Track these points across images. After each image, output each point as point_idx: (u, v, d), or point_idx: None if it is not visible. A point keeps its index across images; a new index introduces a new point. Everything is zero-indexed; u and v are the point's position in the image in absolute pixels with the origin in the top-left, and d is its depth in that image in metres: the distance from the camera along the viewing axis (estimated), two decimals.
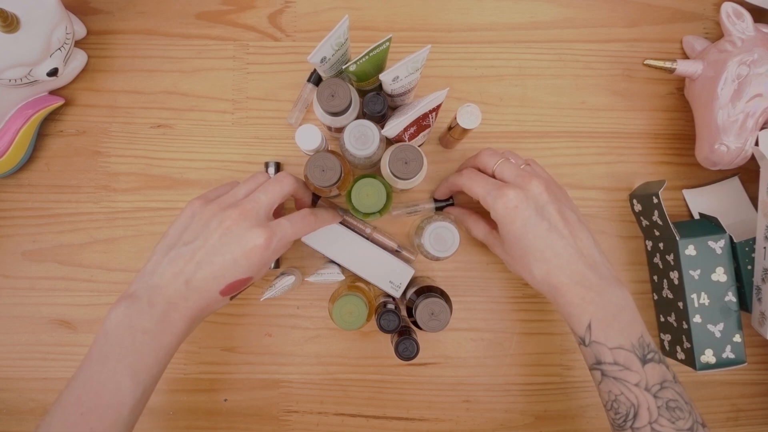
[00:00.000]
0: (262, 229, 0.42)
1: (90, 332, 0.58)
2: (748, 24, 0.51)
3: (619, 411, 0.43)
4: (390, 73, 0.45)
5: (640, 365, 0.42)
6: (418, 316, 0.48)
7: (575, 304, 0.44)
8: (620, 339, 0.43)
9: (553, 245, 0.44)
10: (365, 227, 0.56)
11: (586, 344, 0.44)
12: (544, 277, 0.45)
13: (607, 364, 0.43)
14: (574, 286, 0.44)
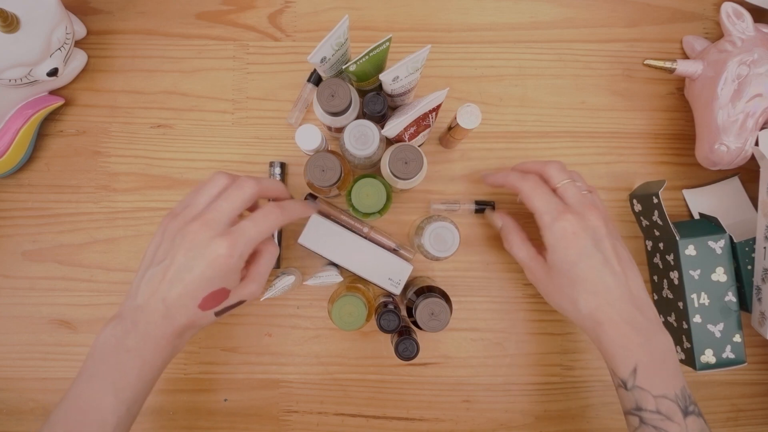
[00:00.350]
0: (224, 237, 0.41)
1: (90, 332, 0.58)
2: (748, 24, 0.51)
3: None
4: (390, 73, 0.45)
5: (682, 417, 0.41)
6: (418, 316, 0.48)
7: (622, 345, 0.43)
8: (665, 388, 0.42)
9: (606, 279, 0.44)
10: (362, 227, 0.56)
11: (628, 388, 0.43)
12: (592, 312, 0.44)
13: (649, 411, 0.42)
14: (622, 325, 0.43)
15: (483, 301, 0.58)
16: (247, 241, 0.42)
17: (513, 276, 0.59)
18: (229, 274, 0.42)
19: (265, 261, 0.45)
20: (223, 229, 0.41)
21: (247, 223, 0.42)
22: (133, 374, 0.41)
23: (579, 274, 0.44)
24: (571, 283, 0.45)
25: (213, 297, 0.42)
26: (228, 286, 0.42)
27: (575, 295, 0.45)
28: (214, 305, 0.43)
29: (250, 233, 0.42)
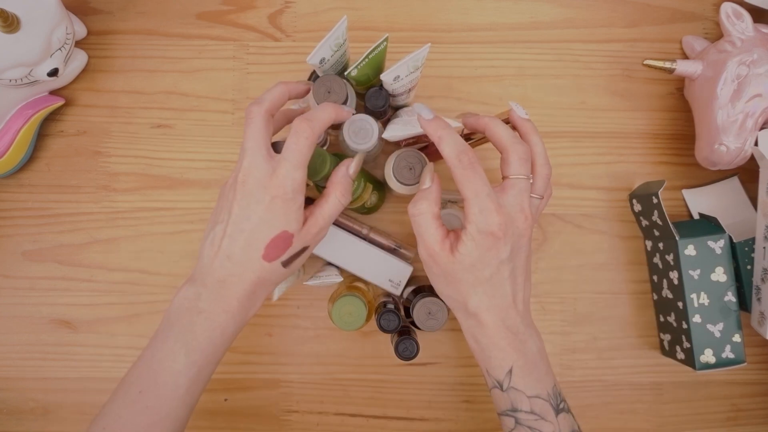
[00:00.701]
0: (271, 177, 0.40)
1: (90, 332, 0.58)
2: (747, 24, 0.51)
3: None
4: (391, 72, 0.45)
5: (554, 415, 0.42)
6: (416, 316, 0.49)
7: (500, 347, 0.42)
8: (538, 388, 0.42)
9: (505, 288, 0.42)
10: (362, 228, 0.56)
11: (504, 389, 0.42)
12: (479, 312, 0.42)
13: (524, 412, 0.42)
14: (504, 329, 0.42)
15: None
16: (293, 171, 0.40)
17: None
18: (288, 213, 0.40)
19: (325, 201, 0.43)
20: (265, 167, 0.40)
21: (285, 153, 0.41)
22: (204, 336, 0.40)
23: (485, 277, 0.41)
24: (472, 282, 0.42)
25: (275, 244, 0.41)
26: (289, 228, 0.41)
27: (470, 293, 0.42)
28: (279, 253, 0.41)
29: (290, 162, 0.40)
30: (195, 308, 0.40)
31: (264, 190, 0.40)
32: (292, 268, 0.43)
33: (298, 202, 0.41)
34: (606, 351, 0.59)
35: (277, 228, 0.40)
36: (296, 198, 0.40)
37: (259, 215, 0.40)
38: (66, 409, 0.58)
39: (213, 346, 0.41)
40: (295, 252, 0.42)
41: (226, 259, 0.41)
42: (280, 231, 0.40)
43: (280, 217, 0.40)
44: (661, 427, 0.59)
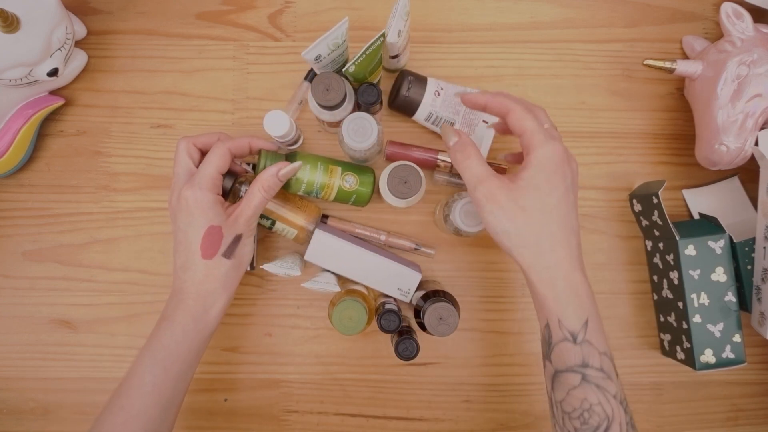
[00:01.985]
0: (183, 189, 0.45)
1: (90, 332, 0.58)
2: (747, 24, 0.51)
3: (589, 422, 0.39)
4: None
5: (616, 376, 0.40)
6: (427, 322, 0.49)
7: (578, 294, 0.40)
8: (605, 345, 0.40)
9: (572, 222, 0.41)
10: (379, 234, 0.56)
11: (577, 342, 0.39)
12: (554, 245, 0.40)
13: (594, 368, 0.39)
14: (577, 271, 0.40)
15: (483, 301, 0.58)
16: (203, 175, 0.46)
17: (513, 276, 0.59)
18: (206, 210, 0.45)
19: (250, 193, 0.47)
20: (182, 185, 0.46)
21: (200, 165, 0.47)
22: (166, 337, 0.45)
23: (555, 204, 0.40)
24: (543, 209, 0.40)
25: (207, 240, 0.45)
26: (214, 221, 0.45)
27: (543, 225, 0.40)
28: (214, 248, 0.45)
29: (201, 169, 0.46)
30: (161, 317, 0.46)
31: (179, 200, 0.46)
32: (239, 257, 0.47)
33: (209, 199, 0.45)
34: None
35: (202, 225, 0.45)
36: (206, 196, 0.45)
37: (183, 221, 0.45)
38: (66, 409, 0.58)
39: (174, 344, 0.45)
40: (229, 242, 0.46)
41: (179, 271, 0.46)
42: (205, 228, 0.45)
43: (199, 216, 0.45)
44: (661, 427, 0.59)
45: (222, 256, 0.46)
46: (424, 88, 0.53)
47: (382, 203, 0.58)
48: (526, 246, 0.41)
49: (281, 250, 0.58)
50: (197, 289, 0.46)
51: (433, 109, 0.53)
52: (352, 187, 0.53)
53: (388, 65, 0.56)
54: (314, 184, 0.52)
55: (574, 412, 0.40)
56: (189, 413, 0.58)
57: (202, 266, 0.45)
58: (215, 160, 0.46)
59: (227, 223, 0.46)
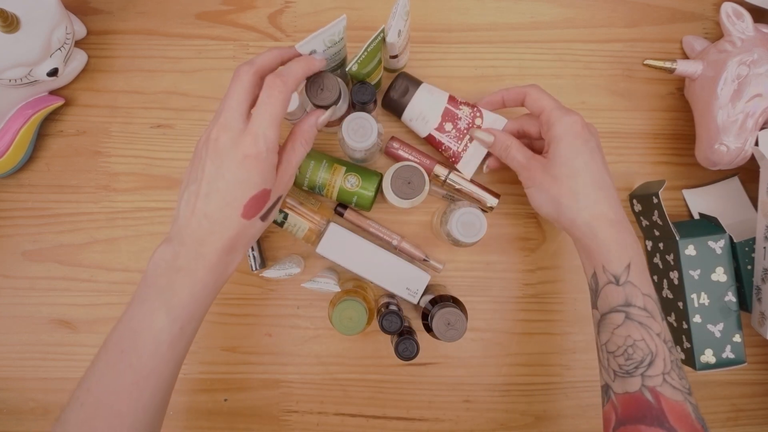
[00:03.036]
0: (244, 135, 0.40)
1: (90, 332, 0.58)
2: (747, 24, 0.51)
3: (633, 357, 0.42)
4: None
5: (661, 318, 0.43)
6: (435, 327, 0.49)
7: (618, 241, 0.44)
8: (649, 288, 0.43)
9: (605, 178, 0.46)
10: (392, 239, 0.56)
11: (620, 283, 0.43)
12: (591, 205, 0.45)
13: (637, 307, 0.43)
14: (618, 223, 0.44)
15: (483, 301, 0.58)
16: (266, 129, 0.40)
17: (513, 276, 0.59)
18: (265, 172, 0.41)
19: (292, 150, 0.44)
20: (239, 126, 0.40)
21: (257, 110, 0.41)
22: (185, 293, 0.40)
23: (582, 166, 0.46)
24: (573, 174, 0.46)
25: (255, 202, 0.41)
26: (267, 185, 0.41)
27: (575, 186, 0.45)
28: (258, 210, 0.41)
29: (263, 119, 0.40)
30: (173, 267, 0.40)
31: (236, 149, 0.40)
32: (269, 219, 0.44)
33: (271, 160, 0.41)
34: None
35: (255, 187, 0.40)
36: (269, 157, 0.41)
37: (233, 174, 0.40)
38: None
39: (195, 302, 0.41)
40: (270, 205, 0.43)
41: (203, 218, 0.40)
42: (258, 190, 0.41)
43: (255, 176, 0.40)
44: None
45: (259, 218, 0.42)
46: (415, 90, 0.53)
47: (384, 202, 0.58)
48: (564, 208, 0.46)
49: (282, 250, 0.58)
50: (223, 245, 0.41)
51: (419, 111, 0.53)
52: (353, 188, 0.53)
53: (389, 65, 0.56)
54: (316, 180, 0.53)
55: (618, 350, 0.43)
56: (189, 413, 0.58)
57: (237, 224, 0.41)
58: (278, 111, 0.41)
59: (276, 184, 0.42)
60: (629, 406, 0.41)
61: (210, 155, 0.40)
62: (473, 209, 0.49)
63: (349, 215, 0.56)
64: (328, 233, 0.53)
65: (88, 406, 0.39)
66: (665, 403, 0.40)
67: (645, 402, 0.41)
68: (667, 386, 0.41)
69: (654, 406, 0.40)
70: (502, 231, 0.59)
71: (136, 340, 0.39)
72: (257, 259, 0.56)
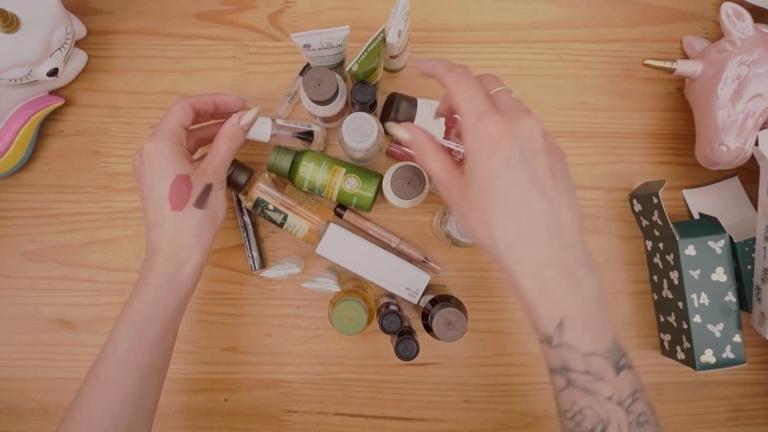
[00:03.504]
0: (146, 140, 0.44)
1: (90, 332, 0.58)
2: (747, 24, 0.51)
3: (583, 425, 0.35)
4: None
5: (614, 374, 0.35)
6: (435, 327, 0.49)
7: (546, 293, 0.35)
8: (595, 343, 0.35)
9: (532, 203, 0.35)
10: (391, 241, 0.56)
11: (553, 345, 0.35)
12: (510, 243, 0.35)
13: (577, 372, 0.35)
14: (548, 266, 0.35)
15: (483, 301, 0.58)
16: (162, 127, 0.44)
17: None
18: (171, 160, 0.43)
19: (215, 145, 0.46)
20: None
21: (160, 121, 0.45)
22: (138, 300, 0.42)
23: (499, 191, 0.35)
24: (488, 203, 0.35)
25: (175, 190, 0.43)
26: (180, 171, 0.43)
27: (491, 219, 0.35)
28: (184, 198, 0.43)
29: (161, 123, 0.45)
30: (136, 282, 0.43)
31: (140, 156, 0.44)
32: (212, 209, 0.45)
33: (172, 149, 0.43)
34: None
35: (168, 176, 0.43)
36: (169, 147, 0.43)
37: (147, 174, 0.43)
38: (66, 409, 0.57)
39: (148, 307, 0.42)
40: (200, 192, 0.44)
41: (150, 229, 0.44)
42: (172, 178, 0.43)
43: (164, 167, 0.43)
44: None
45: (193, 206, 0.43)
46: (416, 107, 0.54)
47: (384, 202, 0.58)
48: (485, 245, 0.37)
49: (282, 250, 0.58)
50: (169, 245, 0.43)
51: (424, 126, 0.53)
52: (353, 190, 0.53)
53: (389, 65, 0.56)
54: (316, 181, 0.53)
55: (567, 413, 0.37)
56: (189, 413, 0.58)
57: (173, 219, 0.43)
58: (175, 113, 0.45)
59: (195, 173, 0.44)
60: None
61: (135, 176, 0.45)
62: None
63: (349, 216, 0.56)
64: (328, 234, 0.53)
65: (66, 422, 0.42)
66: None
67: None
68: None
69: None
70: None
71: (103, 352, 0.42)
72: (257, 260, 0.56)
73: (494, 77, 0.40)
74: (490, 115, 0.36)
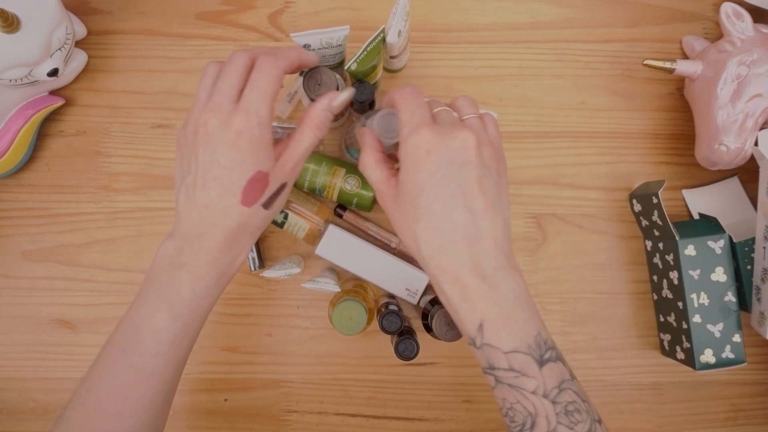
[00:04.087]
0: (234, 114, 0.37)
1: (90, 332, 0.58)
2: (747, 24, 0.51)
3: (515, 420, 0.38)
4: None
5: (538, 368, 0.37)
6: (435, 328, 0.49)
7: (465, 299, 0.37)
8: (516, 341, 0.37)
9: (454, 216, 0.37)
10: (391, 241, 0.56)
11: (477, 346, 0.38)
12: (432, 253, 0.37)
13: (502, 369, 0.37)
14: (466, 274, 0.37)
15: None
16: (257, 104, 0.38)
17: None
18: (258, 150, 0.38)
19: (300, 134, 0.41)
20: (230, 107, 0.38)
21: (248, 88, 0.38)
22: (187, 290, 0.39)
23: (424, 205, 0.37)
24: (414, 215, 0.37)
25: (251, 186, 0.38)
26: (262, 166, 0.39)
27: (417, 230, 0.37)
28: (257, 196, 0.39)
29: (255, 95, 0.38)
30: (176, 263, 0.39)
31: (227, 129, 0.37)
32: (274, 208, 0.41)
33: (265, 137, 0.38)
34: (606, 351, 0.59)
35: (250, 168, 0.38)
36: (263, 133, 0.38)
37: (227, 157, 0.38)
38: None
39: (197, 299, 0.39)
40: (273, 191, 0.40)
41: (203, 209, 0.39)
42: (253, 172, 0.38)
43: (250, 156, 0.38)
44: (661, 427, 0.59)
45: (261, 206, 0.39)
46: None
47: None
48: (411, 251, 0.39)
49: (282, 250, 0.58)
50: (226, 237, 0.39)
51: None
52: (353, 190, 0.53)
53: (389, 65, 0.56)
54: (316, 182, 0.53)
55: (502, 410, 0.39)
56: (189, 413, 0.58)
57: (238, 213, 0.39)
58: (271, 85, 0.38)
59: (275, 168, 0.40)
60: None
61: (200, 142, 0.38)
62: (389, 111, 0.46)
63: (348, 217, 0.57)
64: (327, 235, 0.53)
65: (89, 405, 0.38)
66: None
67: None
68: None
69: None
70: None
71: (138, 339, 0.38)
72: (256, 260, 0.56)
73: (469, 101, 0.41)
74: (423, 128, 0.37)
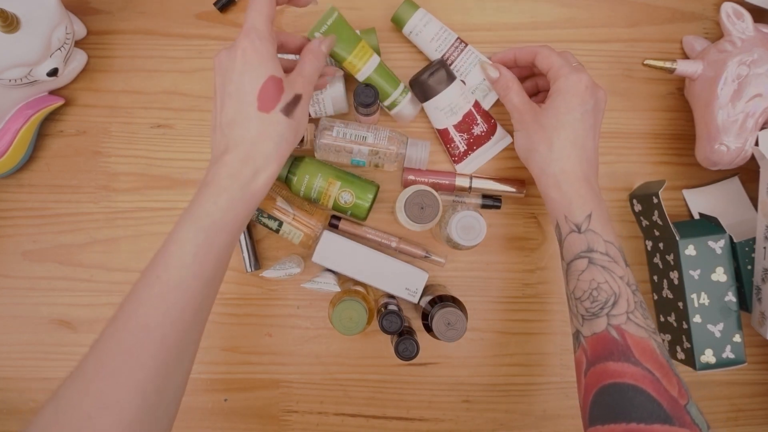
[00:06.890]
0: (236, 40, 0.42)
1: (90, 332, 0.58)
2: (748, 24, 0.51)
3: (598, 299, 0.44)
4: None
5: (624, 264, 0.45)
6: (435, 327, 0.49)
7: (581, 194, 0.46)
8: (611, 236, 0.45)
9: (587, 140, 0.48)
10: (390, 241, 0.56)
11: (581, 231, 0.46)
12: (561, 156, 0.47)
13: (599, 253, 0.45)
14: (584, 179, 0.47)
15: (483, 301, 0.58)
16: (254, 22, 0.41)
17: (513, 276, 0.59)
18: (265, 60, 0.41)
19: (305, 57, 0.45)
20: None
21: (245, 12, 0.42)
22: (209, 202, 0.40)
23: (569, 122, 0.47)
24: (557, 126, 0.48)
25: (266, 90, 0.41)
26: (273, 72, 0.41)
27: (554, 138, 0.47)
28: (274, 101, 0.41)
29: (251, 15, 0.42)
30: (203, 183, 0.41)
31: (233, 51, 0.41)
32: (297, 120, 0.43)
33: (269, 50, 0.41)
34: None
35: (262, 75, 0.41)
36: (265, 46, 0.41)
37: (238, 71, 0.41)
38: None
39: (220, 212, 0.40)
40: (290, 99, 0.42)
41: (226, 128, 0.41)
42: (265, 77, 0.41)
43: (258, 66, 0.41)
44: None
45: (280, 112, 0.41)
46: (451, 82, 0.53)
47: (380, 203, 0.58)
48: (538, 155, 0.49)
49: (281, 251, 0.58)
50: (247, 148, 0.40)
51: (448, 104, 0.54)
52: (347, 204, 0.53)
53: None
54: (312, 191, 0.53)
55: (584, 295, 0.45)
56: (189, 413, 0.58)
57: (257, 120, 0.40)
58: (263, 7, 0.42)
59: (288, 77, 0.43)
60: (597, 346, 0.43)
61: (218, 73, 0.42)
62: (472, 213, 0.49)
63: (344, 226, 0.56)
64: (322, 241, 0.53)
65: (118, 320, 0.39)
66: (630, 339, 0.42)
67: (611, 339, 0.42)
68: (632, 324, 0.42)
69: (620, 342, 0.42)
70: (502, 231, 0.59)
71: (165, 252, 0.39)
72: (251, 261, 0.56)
73: (572, 54, 0.52)
74: (583, 72, 0.49)
